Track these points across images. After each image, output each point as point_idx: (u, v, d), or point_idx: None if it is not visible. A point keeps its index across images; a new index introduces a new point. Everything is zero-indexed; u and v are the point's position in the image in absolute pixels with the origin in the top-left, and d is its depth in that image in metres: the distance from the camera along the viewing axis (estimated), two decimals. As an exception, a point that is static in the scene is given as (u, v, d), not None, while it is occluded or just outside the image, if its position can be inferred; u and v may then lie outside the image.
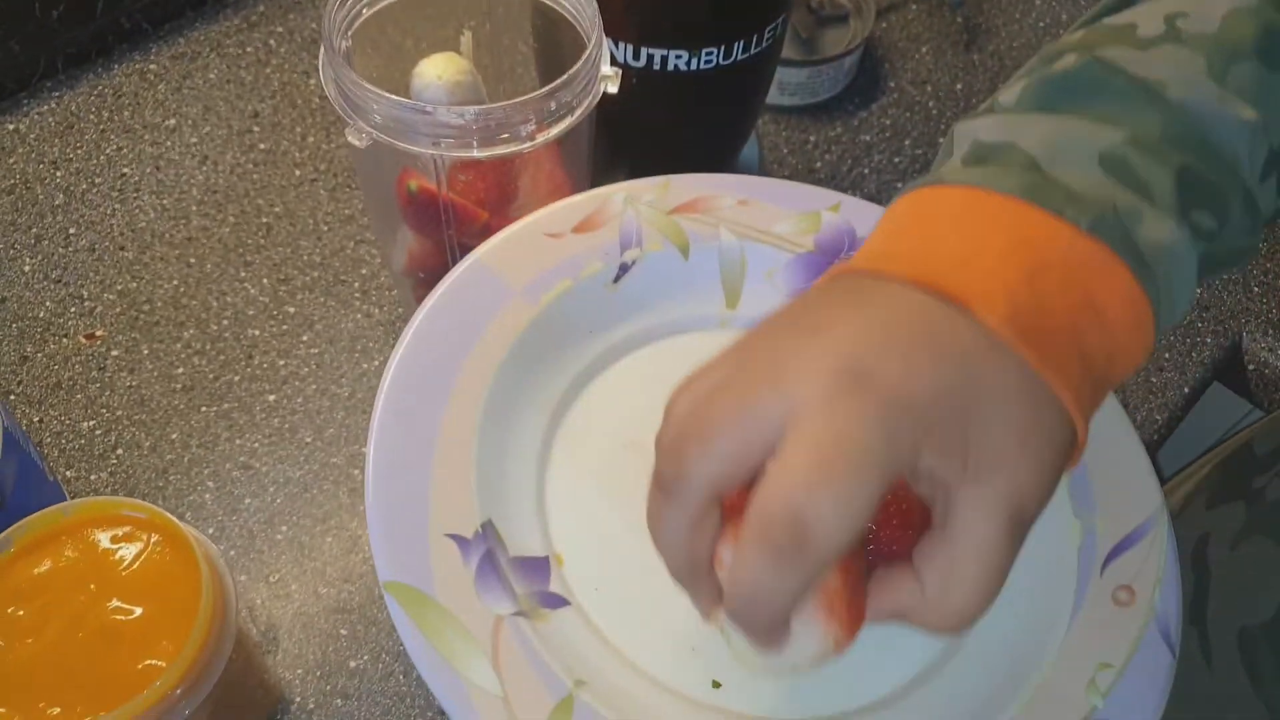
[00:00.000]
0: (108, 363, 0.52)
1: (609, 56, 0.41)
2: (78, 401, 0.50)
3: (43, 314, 0.53)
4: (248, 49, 0.65)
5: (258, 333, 0.53)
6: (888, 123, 0.65)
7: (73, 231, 0.56)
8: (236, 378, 0.52)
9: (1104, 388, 0.28)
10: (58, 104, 0.61)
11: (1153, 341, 0.29)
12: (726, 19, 0.46)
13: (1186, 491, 0.58)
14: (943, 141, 0.35)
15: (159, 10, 0.64)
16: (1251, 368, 0.59)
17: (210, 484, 0.48)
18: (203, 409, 0.50)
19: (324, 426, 0.50)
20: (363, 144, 0.38)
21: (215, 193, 0.58)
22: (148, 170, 0.59)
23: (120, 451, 0.49)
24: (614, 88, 0.41)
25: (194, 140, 0.60)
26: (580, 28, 0.41)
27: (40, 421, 0.50)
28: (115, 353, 0.52)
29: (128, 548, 0.36)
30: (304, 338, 0.53)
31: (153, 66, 0.63)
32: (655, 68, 0.47)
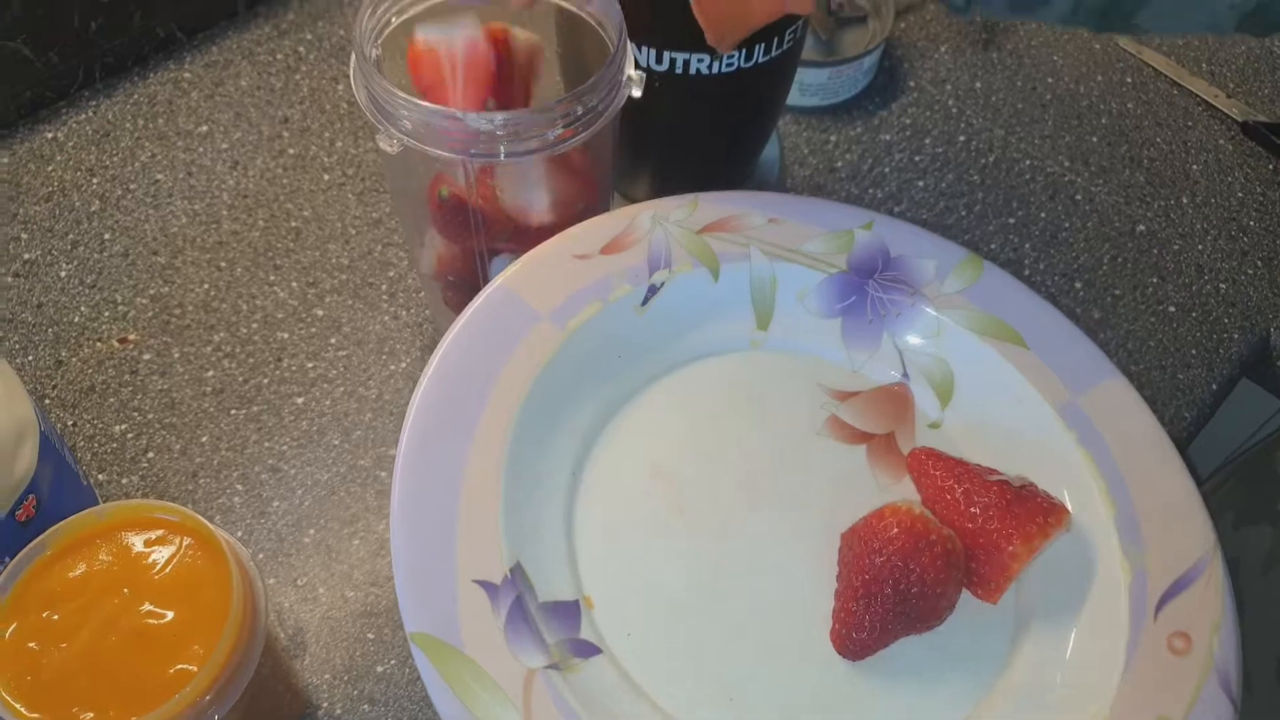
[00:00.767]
0: (140, 366, 0.53)
1: (633, 61, 0.42)
2: (110, 405, 0.51)
3: (78, 319, 0.54)
4: (278, 56, 0.65)
5: (286, 335, 0.54)
6: (908, 121, 0.65)
7: (108, 237, 0.57)
8: (265, 380, 0.52)
9: None
10: (94, 112, 0.62)
11: None
12: (749, 22, 0.46)
13: (1211, 509, 0.57)
14: None
15: (193, 20, 0.65)
16: (1282, 367, 0.59)
17: (239, 487, 0.49)
18: (232, 412, 0.51)
19: (351, 429, 0.51)
20: (394, 150, 0.38)
21: (246, 197, 0.59)
22: (180, 176, 0.60)
23: (151, 455, 0.50)
24: (638, 91, 0.41)
25: (225, 146, 0.61)
26: (604, 32, 0.42)
27: (74, 425, 0.51)
28: (147, 356, 0.53)
29: (160, 551, 0.37)
30: (332, 340, 0.54)
31: (186, 74, 0.64)
32: (678, 71, 0.47)
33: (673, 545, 0.36)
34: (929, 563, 0.33)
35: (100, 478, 0.49)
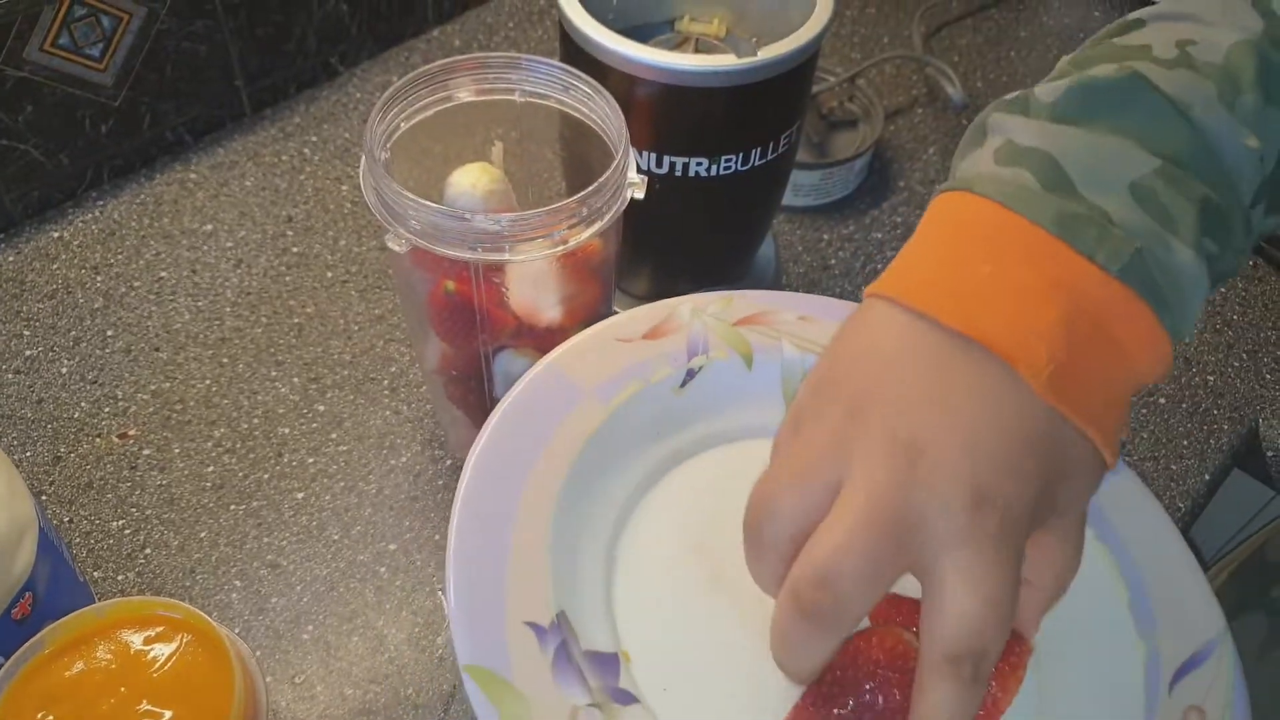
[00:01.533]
0: (139, 462, 0.53)
1: (634, 165, 0.43)
2: (108, 501, 0.51)
3: (77, 414, 0.54)
4: (283, 157, 0.67)
5: (288, 431, 0.54)
6: (898, 220, 0.67)
7: (110, 334, 0.58)
8: (266, 475, 0.52)
9: (1126, 404, 0.31)
10: (101, 212, 0.63)
11: (1170, 361, 0.31)
12: (744, 129, 0.48)
13: None
14: (971, 126, 0.36)
15: (201, 123, 0.67)
16: (1270, 454, 0.59)
17: (238, 583, 0.49)
18: (232, 507, 0.51)
19: (351, 524, 0.51)
20: (402, 249, 0.39)
21: (249, 294, 0.60)
22: (184, 274, 0.61)
23: (148, 551, 0.49)
24: (640, 194, 0.42)
25: (230, 244, 0.62)
26: (607, 138, 0.43)
27: (71, 521, 0.50)
28: (147, 452, 0.53)
29: (160, 648, 0.36)
30: (333, 435, 0.54)
31: (193, 175, 0.66)
32: (677, 174, 0.49)
33: (707, 610, 0.37)
34: (901, 690, 0.32)
35: (96, 574, 0.48)
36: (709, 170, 0.49)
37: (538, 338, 0.45)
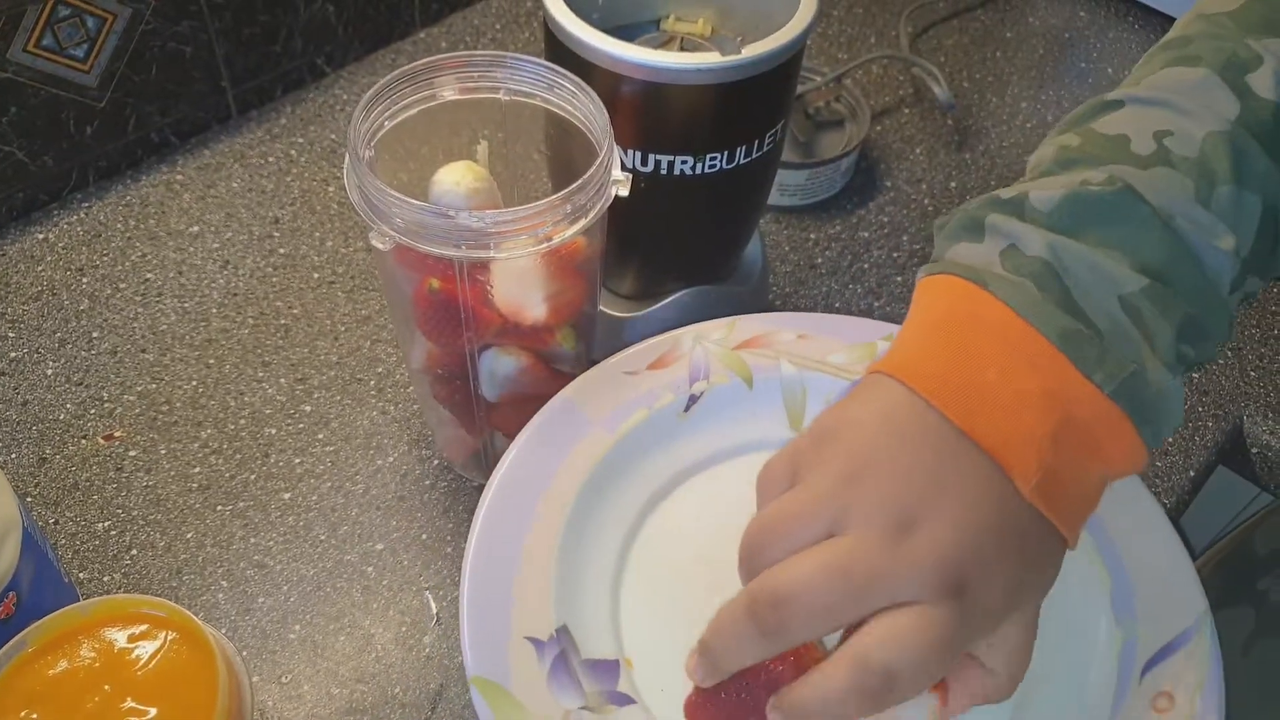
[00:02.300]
0: (125, 463, 0.52)
1: (619, 162, 0.43)
2: (94, 502, 0.51)
3: (63, 416, 0.54)
4: (269, 159, 0.67)
5: (274, 431, 0.54)
6: (885, 220, 0.67)
7: (95, 335, 0.58)
8: (252, 476, 0.52)
9: (1097, 499, 0.33)
10: (86, 214, 0.63)
11: (1143, 463, 0.33)
12: (730, 127, 0.48)
13: None
14: (958, 213, 0.36)
15: (186, 124, 0.67)
16: (1255, 451, 0.60)
17: (224, 583, 0.48)
18: (218, 508, 0.51)
19: (338, 524, 0.51)
20: (386, 247, 0.39)
21: (235, 295, 0.60)
22: (170, 275, 0.61)
23: (134, 552, 0.49)
24: (625, 191, 0.42)
25: (216, 246, 0.62)
26: (592, 136, 0.43)
27: (56, 523, 0.50)
28: (133, 453, 0.53)
29: (144, 646, 0.36)
30: (320, 436, 0.54)
31: (179, 177, 0.66)
32: (662, 172, 0.49)
33: (709, 616, 0.39)
34: (792, 671, 0.33)
35: (81, 575, 0.48)
36: (694, 169, 0.49)
37: (523, 336, 0.45)
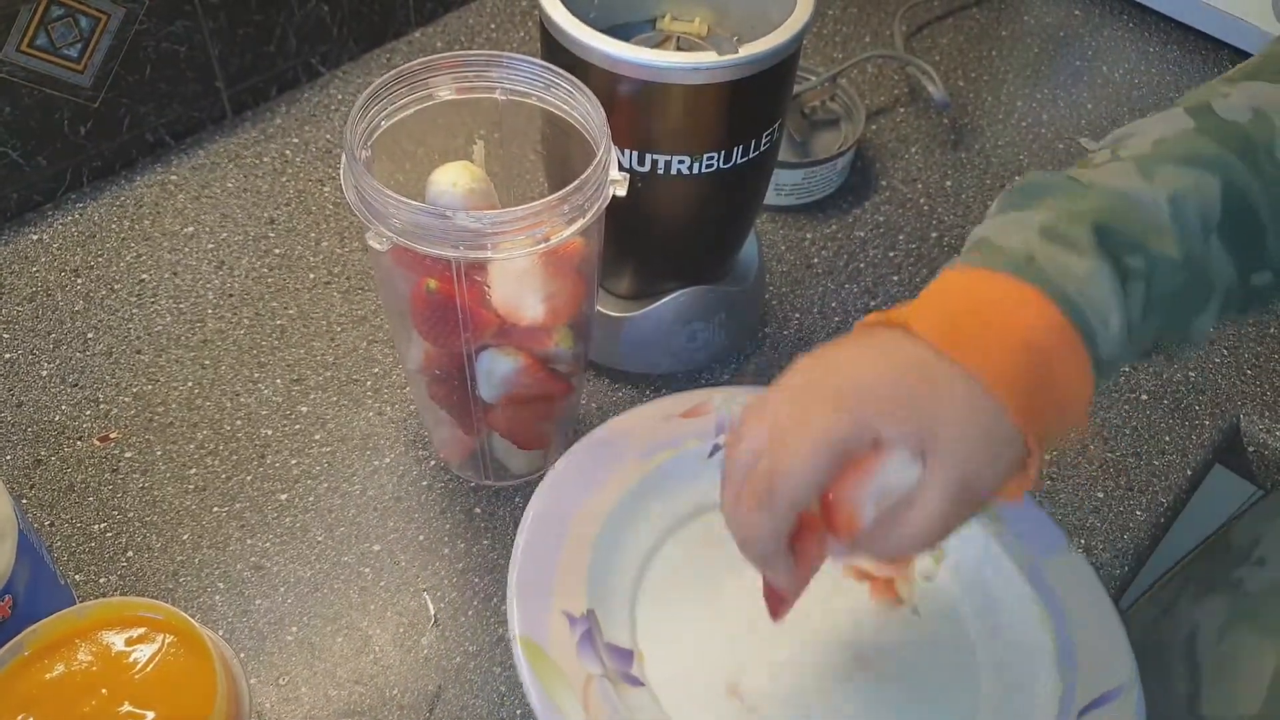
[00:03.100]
0: (121, 465, 0.52)
1: (616, 162, 0.43)
2: (90, 504, 0.51)
3: (58, 417, 0.54)
4: (265, 159, 0.67)
5: (271, 432, 0.54)
6: (880, 219, 0.67)
7: (91, 336, 0.57)
8: (249, 477, 0.52)
9: (1051, 404, 0.35)
10: (81, 214, 0.63)
11: (1087, 364, 0.35)
12: (726, 127, 0.48)
13: (1177, 585, 0.59)
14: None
15: (181, 125, 0.67)
16: (1251, 449, 0.60)
17: (221, 585, 0.48)
18: (215, 509, 0.51)
19: (335, 525, 0.51)
20: (383, 248, 0.39)
21: (231, 296, 0.60)
22: (165, 276, 0.60)
23: (131, 554, 0.49)
24: (622, 191, 0.42)
25: (211, 246, 0.62)
26: (589, 135, 0.43)
27: (51, 525, 0.50)
28: (129, 454, 0.53)
29: (142, 650, 0.36)
30: (316, 436, 0.54)
31: (173, 177, 0.65)
32: (659, 172, 0.49)
33: (713, 627, 0.46)
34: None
35: (78, 578, 0.48)
36: (691, 168, 0.49)
37: (520, 336, 0.45)
